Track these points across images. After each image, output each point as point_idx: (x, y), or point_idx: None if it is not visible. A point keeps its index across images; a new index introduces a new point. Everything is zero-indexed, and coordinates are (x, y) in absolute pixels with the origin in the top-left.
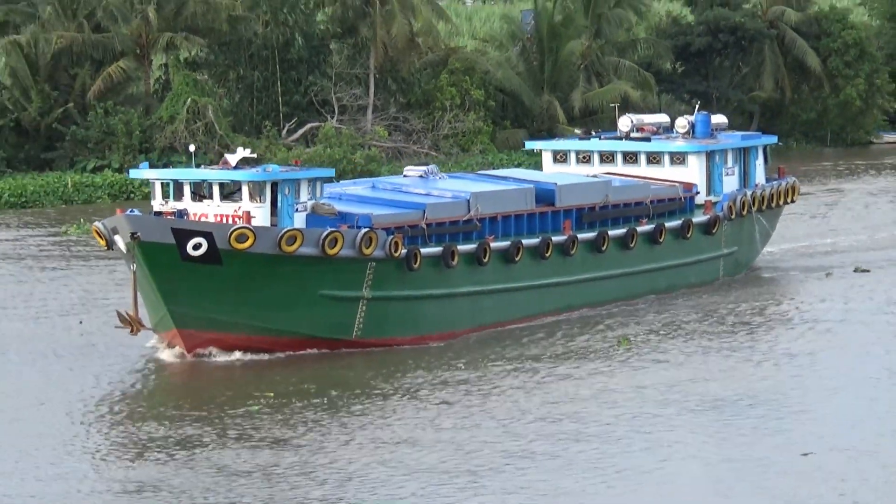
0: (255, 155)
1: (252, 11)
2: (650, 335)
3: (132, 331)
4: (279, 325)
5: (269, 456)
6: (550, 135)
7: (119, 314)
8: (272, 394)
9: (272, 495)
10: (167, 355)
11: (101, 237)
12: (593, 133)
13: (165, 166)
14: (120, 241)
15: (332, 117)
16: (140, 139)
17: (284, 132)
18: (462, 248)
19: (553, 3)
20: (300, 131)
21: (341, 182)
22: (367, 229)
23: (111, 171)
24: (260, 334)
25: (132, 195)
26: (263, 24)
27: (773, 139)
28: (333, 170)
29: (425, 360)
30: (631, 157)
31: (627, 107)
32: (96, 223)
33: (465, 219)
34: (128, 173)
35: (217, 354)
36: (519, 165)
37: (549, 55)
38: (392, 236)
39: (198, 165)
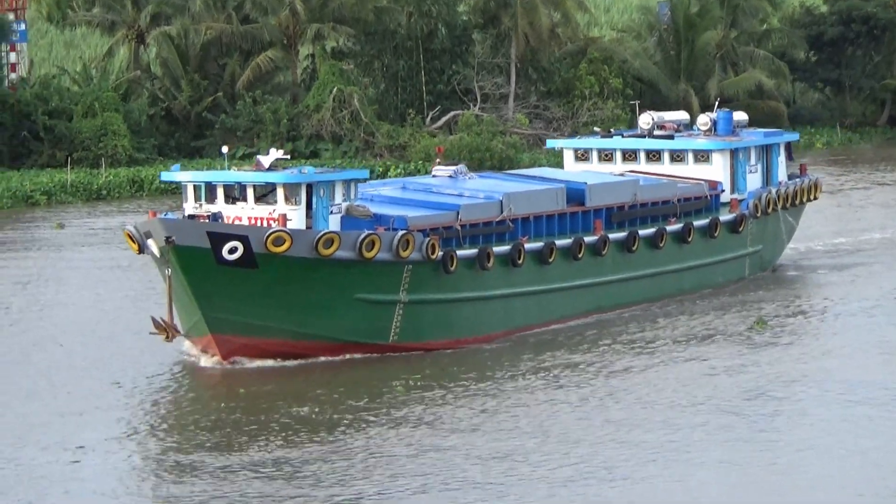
0: (287, 156)
1: (397, 2)
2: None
3: (167, 337)
4: (315, 329)
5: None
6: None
7: (154, 320)
8: (397, 384)
9: None
10: (203, 362)
11: (132, 241)
12: (613, 131)
13: (314, 155)
14: (153, 246)
15: (475, 105)
16: (287, 127)
17: (428, 120)
18: (497, 249)
19: None
20: (443, 119)
21: (370, 183)
22: (404, 231)
23: None
24: (296, 339)
25: None
26: (408, 16)
27: (796, 136)
28: (367, 171)
29: (509, 355)
30: (654, 156)
31: (762, 95)
32: (127, 227)
33: (498, 220)
34: (159, 176)
35: (249, 361)
36: None
37: (686, 45)
38: (428, 238)
39: (229, 167)
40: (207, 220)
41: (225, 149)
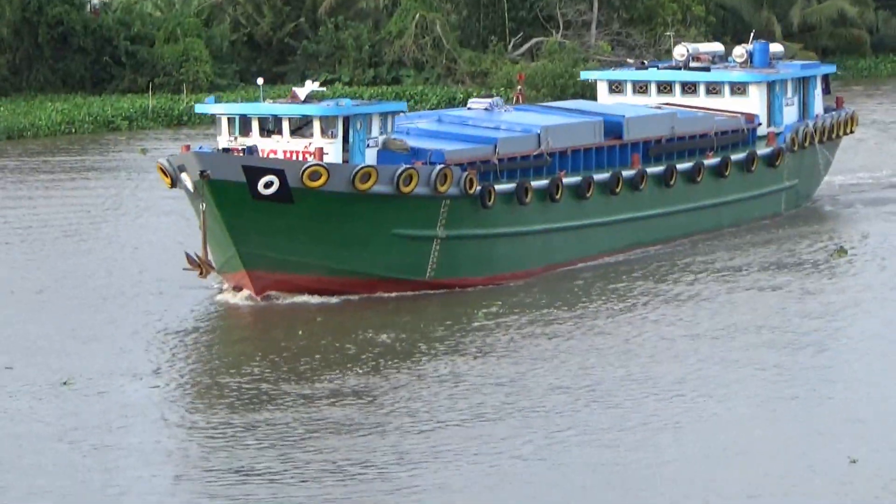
0: (323, 88)
1: None
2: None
3: (201, 273)
4: (351, 265)
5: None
6: None
7: (188, 256)
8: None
9: None
10: (235, 298)
11: (165, 175)
12: (648, 63)
13: (395, 81)
14: (187, 180)
15: (557, 32)
16: (369, 53)
17: (510, 47)
18: (535, 184)
19: None
20: (525, 46)
21: (407, 115)
22: (441, 166)
23: (341, 84)
24: (331, 275)
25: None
26: None
27: (832, 69)
28: (405, 103)
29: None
30: (690, 88)
31: (845, 23)
32: (160, 160)
33: (536, 153)
34: (195, 108)
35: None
36: None
37: None
38: (466, 172)
39: (263, 100)
40: (242, 154)
41: (260, 81)
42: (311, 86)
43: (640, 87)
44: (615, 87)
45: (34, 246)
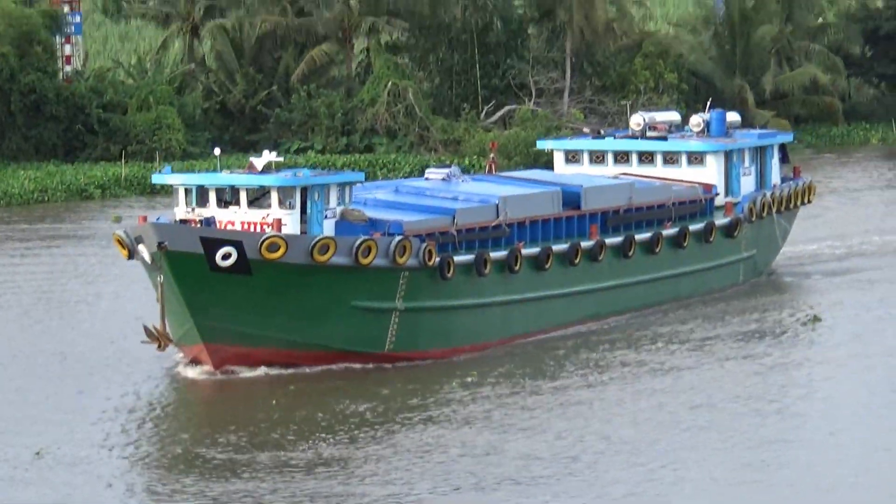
0: (280, 158)
1: None
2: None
3: (159, 346)
4: (310, 338)
5: None
6: (742, 118)
7: (146, 328)
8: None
9: None
10: (193, 372)
11: (123, 246)
12: (603, 132)
13: (368, 149)
14: (145, 251)
15: (530, 100)
16: (342, 121)
17: (483, 115)
18: (493, 255)
19: None
20: (498, 114)
21: (364, 185)
22: (400, 237)
23: (314, 152)
24: (289, 348)
25: None
26: (462, 9)
27: (790, 137)
28: (363, 174)
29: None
30: (647, 157)
31: (817, 90)
32: (117, 231)
33: (494, 224)
34: (152, 178)
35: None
36: None
37: (741, 39)
38: (425, 244)
39: (220, 170)
40: (200, 225)
41: (217, 151)
42: (268, 156)
43: (597, 157)
44: (572, 156)
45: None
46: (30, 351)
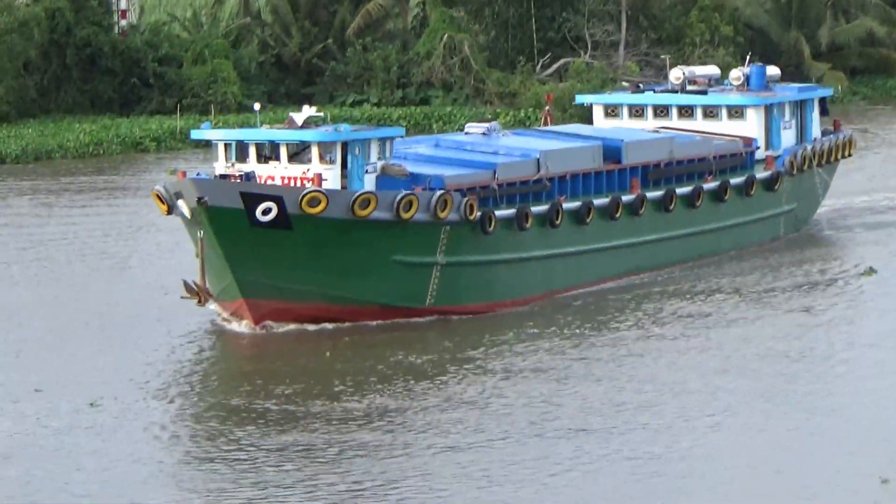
0: (321, 114)
1: None
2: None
3: (199, 301)
4: (351, 293)
5: None
6: (798, 71)
7: (185, 284)
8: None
9: None
10: (233, 326)
11: (162, 202)
12: (643, 86)
13: (424, 102)
14: (184, 207)
15: (585, 53)
16: (398, 74)
17: (538, 67)
18: (534, 209)
19: None
20: (553, 67)
21: (404, 140)
22: (441, 191)
23: (370, 105)
24: (329, 303)
25: None
26: None
27: (829, 91)
28: (404, 128)
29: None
30: (686, 112)
31: (873, 43)
32: (156, 187)
33: (535, 178)
34: (191, 134)
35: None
36: None
37: None
38: (466, 198)
39: (260, 125)
40: (240, 180)
41: (257, 106)
42: (308, 111)
43: (637, 112)
44: (611, 111)
45: (49, 266)
46: (76, 306)
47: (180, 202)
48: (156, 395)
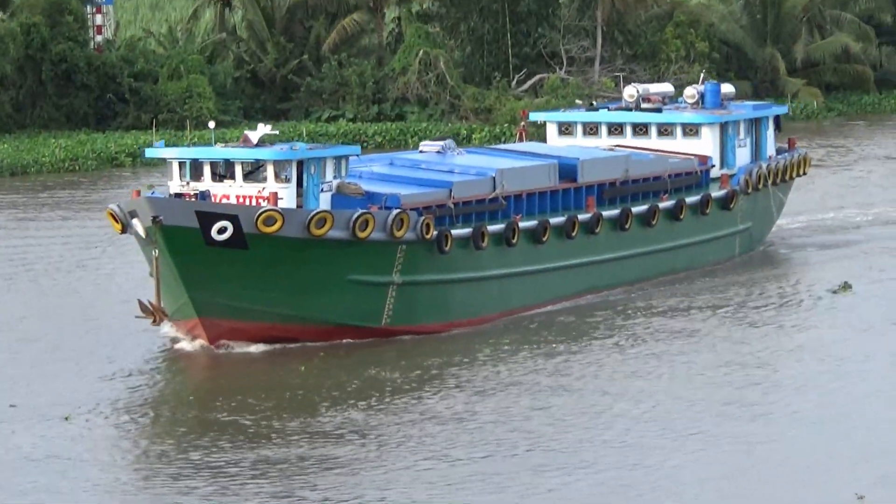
0: (275, 132)
1: None
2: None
3: (154, 321)
4: (306, 312)
5: None
6: (773, 87)
7: (141, 303)
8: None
9: None
10: (187, 346)
11: (116, 220)
12: (595, 104)
13: (399, 118)
14: (139, 226)
15: (560, 69)
16: (373, 90)
17: (514, 83)
18: (491, 228)
19: None
20: (529, 82)
21: (359, 158)
22: (398, 210)
23: (345, 121)
24: (285, 322)
25: (366, 144)
26: None
27: (784, 109)
28: (359, 147)
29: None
30: (641, 129)
31: (849, 59)
32: (111, 206)
33: (491, 197)
34: (142, 153)
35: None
36: None
37: (772, 8)
38: (423, 217)
39: (215, 143)
40: (195, 199)
41: (212, 124)
42: (263, 129)
43: (591, 129)
44: (565, 128)
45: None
46: (50, 320)
47: (135, 221)
48: (119, 412)
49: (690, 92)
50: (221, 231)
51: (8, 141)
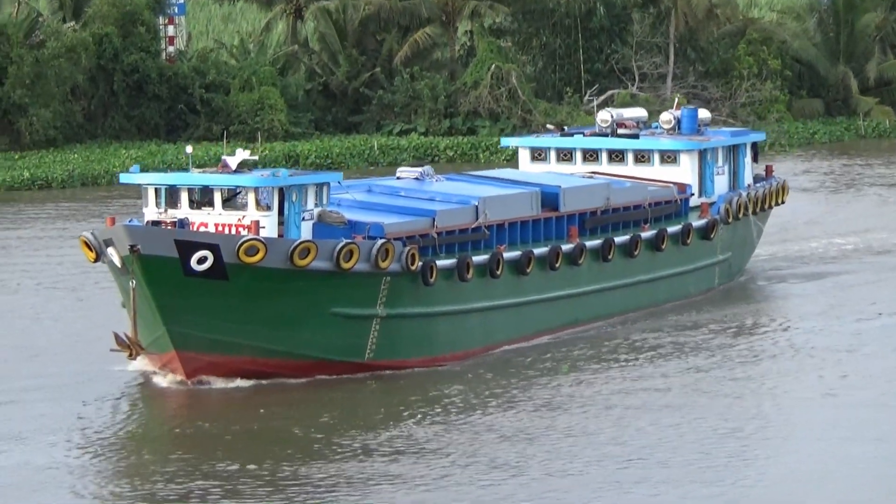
0: (255, 157)
1: None
2: None
3: (130, 355)
4: (287, 346)
5: None
6: (845, 105)
7: (116, 336)
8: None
9: None
10: (162, 381)
11: (90, 249)
12: (568, 129)
13: (471, 132)
14: (114, 255)
15: (632, 84)
16: (445, 104)
17: (585, 98)
18: (475, 259)
19: None
20: (601, 98)
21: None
22: (383, 240)
23: (417, 134)
24: (266, 357)
25: (437, 158)
26: None
27: (762, 136)
28: (341, 174)
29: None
30: (617, 156)
31: None
32: (84, 234)
33: (474, 226)
34: (119, 178)
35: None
36: (814, 134)
37: (845, 27)
38: (408, 248)
39: (191, 168)
40: (174, 227)
41: (189, 149)
42: (242, 154)
43: (564, 155)
44: (538, 154)
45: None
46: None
47: (110, 249)
48: (89, 446)
49: (666, 117)
50: (201, 261)
51: (79, 151)
